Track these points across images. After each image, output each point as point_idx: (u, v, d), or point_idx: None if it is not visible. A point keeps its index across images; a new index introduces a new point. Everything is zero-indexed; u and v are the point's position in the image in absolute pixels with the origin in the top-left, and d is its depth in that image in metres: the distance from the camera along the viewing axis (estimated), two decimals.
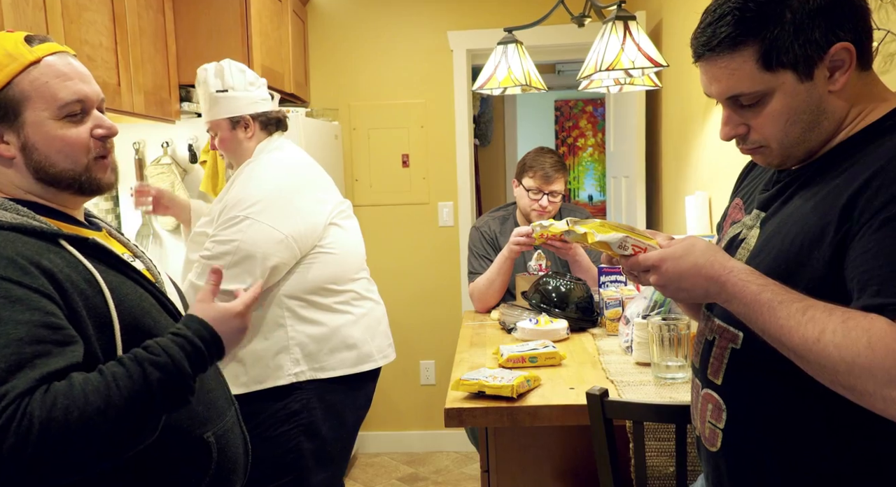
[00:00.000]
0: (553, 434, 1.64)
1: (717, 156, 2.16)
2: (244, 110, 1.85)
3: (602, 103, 5.90)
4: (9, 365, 0.81)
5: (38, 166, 0.97)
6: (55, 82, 0.96)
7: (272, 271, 1.74)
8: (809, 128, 0.90)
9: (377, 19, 3.36)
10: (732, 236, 1.02)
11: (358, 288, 1.90)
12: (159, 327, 1.00)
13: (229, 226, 1.73)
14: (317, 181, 1.91)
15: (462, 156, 3.39)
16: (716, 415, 0.98)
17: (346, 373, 1.82)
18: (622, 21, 1.75)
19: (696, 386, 1.05)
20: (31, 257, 0.88)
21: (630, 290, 2.03)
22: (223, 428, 1.05)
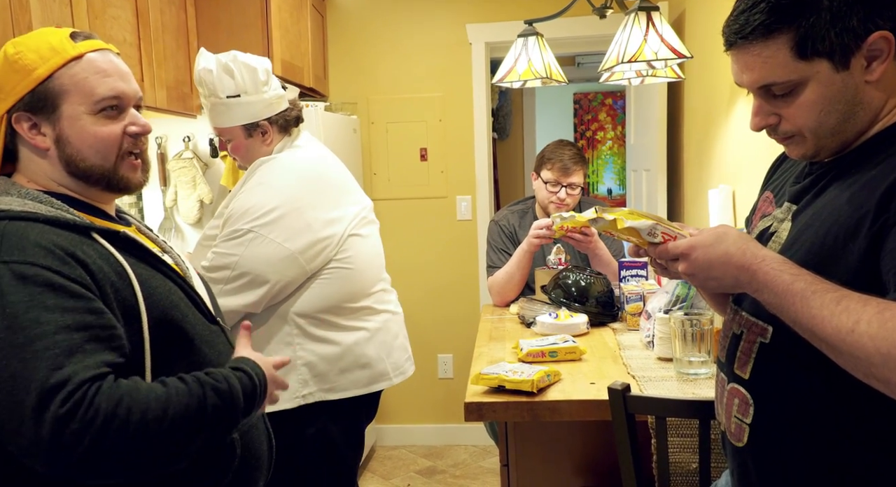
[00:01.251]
0: (573, 428, 1.63)
1: (742, 149, 2.13)
2: (260, 115, 1.68)
3: (622, 96, 5.85)
4: (62, 351, 0.82)
5: (69, 159, 0.99)
6: (94, 78, 0.98)
7: (276, 289, 1.61)
8: (844, 118, 0.87)
9: (396, 13, 3.35)
10: (763, 229, 1.00)
11: (372, 302, 1.76)
12: (187, 321, 1.01)
13: (231, 238, 1.60)
14: (335, 187, 1.75)
15: (480, 150, 3.38)
16: (742, 410, 0.97)
17: (357, 394, 1.70)
18: (645, 12, 1.73)
19: (721, 380, 1.03)
20: (67, 248, 0.90)
21: (651, 285, 2.02)
22: (247, 425, 1.05)
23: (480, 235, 3.42)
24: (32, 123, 0.98)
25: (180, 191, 2.66)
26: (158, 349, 0.95)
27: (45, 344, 0.81)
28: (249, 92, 1.66)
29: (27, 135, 0.98)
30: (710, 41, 2.34)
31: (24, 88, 0.97)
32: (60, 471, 0.81)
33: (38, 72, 0.96)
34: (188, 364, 0.99)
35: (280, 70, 2.62)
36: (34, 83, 0.97)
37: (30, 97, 0.97)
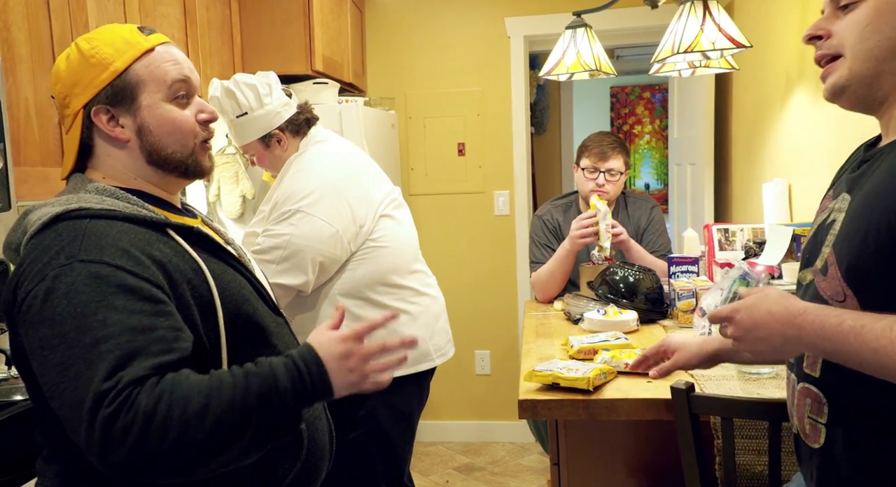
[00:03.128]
0: (625, 428, 1.60)
1: (800, 141, 2.07)
2: (270, 126, 1.79)
3: (660, 89, 5.75)
4: (124, 353, 0.82)
5: (151, 148, 1.00)
6: (166, 65, 1.01)
7: (322, 267, 1.70)
8: (888, 49, 0.87)
9: (433, 7, 3.33)
10: (821, 222, 0.98)
11: (415, 283, 1.84)
12: (258, 314, 1.01)
13: (281, 219, 1.70)
14: (365, 171, 1.86)
15: (519, 145, 3.35)
16: (816, 410, 0.94)
17: (403, 374, 1.74)
18: (701, 1, 1.68)
19: (791, 380, 1.00)
20: (144, 248, 0.90)
21: (703, 281, 1.97)
22: (313, 416, 1.06)
23: (518, 231, 3.39)
24: (111, 116, 0.99)
25: (223, 187, 2.68)
26: (234, 343, 0.95)
27: (109, 347, 0.82)
28: (254, 108, 1.77)
29: (106, 128, 1.00)
30: (761, 30, 2.28)
31: (103, 82, 0.98)
32: (115, 471, 0.80)
33: (115, 65, 0.98)
34: (262, 354, 0.98)
35: (321, 65, 2.62)
36: (112, 76, 0.98)
37: (109, 90, 0.98)
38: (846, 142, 1.77)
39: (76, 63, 0.99)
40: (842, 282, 0.87)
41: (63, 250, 0.87)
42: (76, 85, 0.99)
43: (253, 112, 1.77)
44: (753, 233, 2.08)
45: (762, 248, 1.94)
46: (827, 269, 0.90)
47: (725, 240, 2.10)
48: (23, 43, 1.47)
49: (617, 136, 2.41)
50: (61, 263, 0.86)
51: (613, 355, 1.55)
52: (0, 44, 1.41)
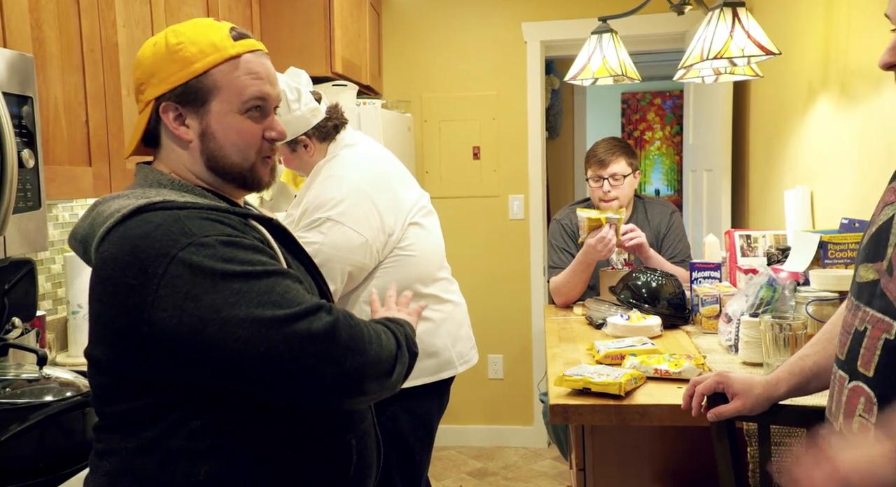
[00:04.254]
0: (652, 433, 1.59)
1: (822, 149, 2.06)
2: (296, 132, 1.76)
3: (671, 96, 5.75)
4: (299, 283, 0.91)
5: (211, 154, 1.00)
6: (246, 79, 0.99)
7: (350, 276, 1.69)
8: None
9: (450, 11, 3.34)
10: (887, 219, 0.95)
11: (437, 290, 1.83)
12: None
13: (312, 227, 1.68)
14: (396, 178, 1.84)
15: (534, 149, 3.35)
16: (868, 409, 0.93)
17: (425, 382, 1.75)
18: (731, 7, 1.68)
19: (840, 379, 0.99)
20: (238, 232, 0.93)
21: (727, 287, 1.96)
22: (363, 431, 1.05)
23: (533, 235, 3.39)
24: (178, 114, 0.99)
25: None
26: None
27: (287, 284, 0.90)
28: (281, 113, 1.71)
29: (171, 125, 0.99)
30: (782, 37, 2.27)
31: (179, 79, 0.97)
32: None
33: (196, 66, 0.97)
34: None
35: (340, 67, 2.62)
36: (190, 76, 0.97)
37: (182, 88, 0.97)
38: (871, 150, 1.77)
39: (161, 54, 0.98)
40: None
41: (169, 234, 0.87)
42: (154, 75, 0.98)
43: (279, 118, 1.76)
44: (776, 240, 2.08)
45: (785, 255, 1.94)
46: (894, 270, 0.89)
47: (747, 246, 2.09)
48: (53, 41, 1.47)
49: (619, 140, 2.41)
50: (181, 244, 0.86)
51: (642, 360, 1.55)
52: (32, 42, 1.41)
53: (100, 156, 1.60)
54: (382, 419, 1.71)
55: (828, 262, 1.69)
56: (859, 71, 1.82)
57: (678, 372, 1.50)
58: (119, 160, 1.65)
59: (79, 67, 1.55)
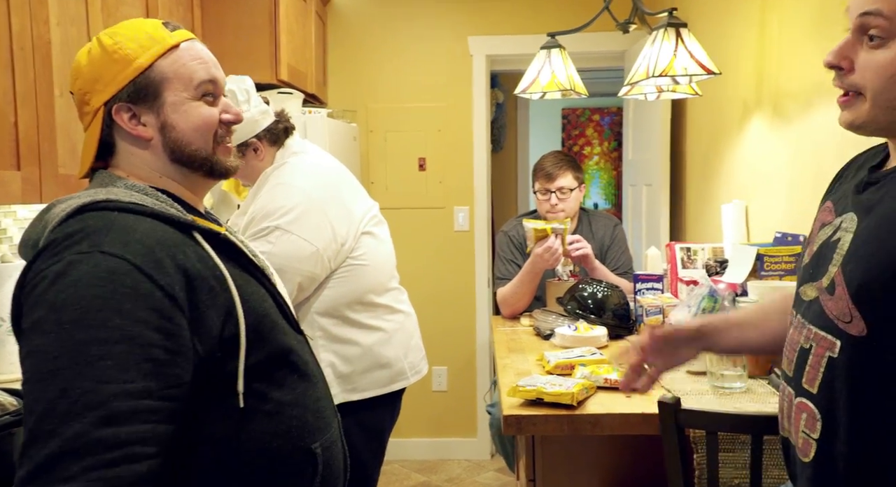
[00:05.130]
0: (602, 443, 1.61)
1: (756, 166, 2.16)
2: (247, 134, 1.70)
3: (609, 112, 5.93)
4: (115, 363, 0.78)
5: (175, 145, 0.97)
6: (193, 64, 0.97)
7: (300, 287, 1.64)
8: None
9: (397, 22, 3.34)
10: (825, 239, 0.99)
11: (390, 300, 1.81)
12: (278, 329, 0.97)
13: (258, 236, 1.62)
14: (346, 187, 1.81)
15: (479, 162, 3.38)
16: (810, 425, 0.96)
17: (378, 394, 1.73)
18: (674, 28, 1.74)
19: (787, 394, 1.02)
20: (169, 249, 0.87)
21: (669, 298, 2.02)
22: (329, 440, 1.02)
23: (477, 247, 3.40)
24: (132, 114, 0.95)
25: None
26: (252, 357, 0.91)
27: (101, 352, 0.77)
28: None
29: (128, 126, 0.95)
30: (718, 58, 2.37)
31: (126, 78, 0.94)
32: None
33: (139, 61, 0.94)
34: (283, 373, 0.96)
35: (286, 75, 2.58)
36: (136, 73, 0.94)
37: (131, 87, 0.94)
38: (802, 168, 1.86)
39: (99, 58, 0.95)
40: (849, 303, 0.88)
41: (87, 237, 0.83)
42: (97, 81, 0.94)
43: None
44: (714, 252, 2.16)
45: (723, 267, 2.01)
46: (834, 289, 0.91)
47: (688, 259, 2.16)
48: None
49: (565, 154, 2.48)
50: (82, 250, 0.82)
51: (592, 370, 1.57)
52: None
53: (30, 160, 1.51)
54: None
55: (764, 274, 1.77)
56: (790, 93, 1.92)
57: None
58: (51, 164, 1.56)
59: (7, 66, 1.47)
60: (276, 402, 0.93)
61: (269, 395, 0.93)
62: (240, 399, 0.89)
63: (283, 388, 0.95)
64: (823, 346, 0.94)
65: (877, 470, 0.88)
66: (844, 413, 0.91)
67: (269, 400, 0.92)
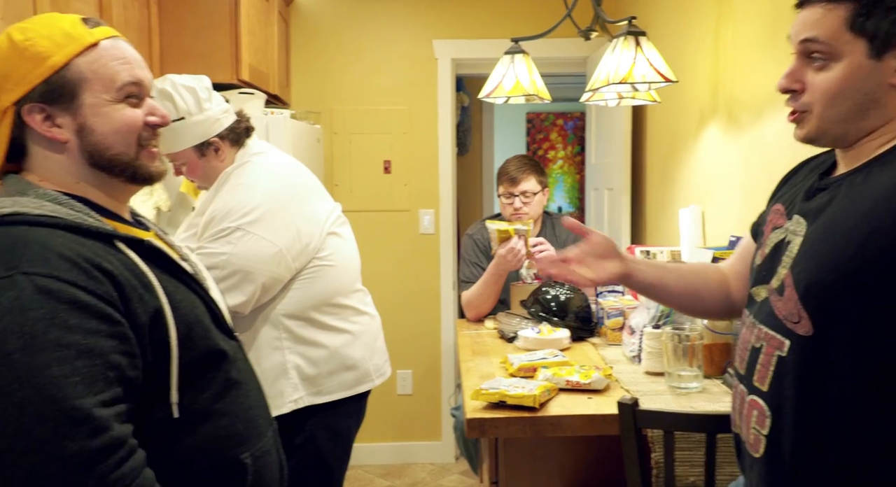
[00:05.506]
0: (564, 444, 1.63)
1: (711, 172, 2.21)
2: (209, 133, 1.66)
3: (572, 117, 6.01)
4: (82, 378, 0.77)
5: (94, 149, 0.92)
6: (114, 64, 0.92)
7: (263, 287, 1.61)
8: (856, 110, 0.92)
9: (362, 24, 3.33)
10: (777, 242, 1.02)
11: (355, 302, 1.80)
12: (211, 336, 0.94)
13: (218, 237, 1.58)
14: (309, 187, 1.79)
15: (444, 165, 3.38)
16: (760, 422, 0.99)
17: (344, 396, 1.71)
18: (633, 36, 1.77)
19: (740, 392, 1.05)
20: (92, 259, 0.83)
21: (630, 300, 2.05)
22: (261, 450, 0.99)
23: (443, 250, 3.41)
24: (46, 115, 0.90)
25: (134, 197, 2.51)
26: (185, 366, 0.89)
27: (64, 372, 0.76)
28: (193, 112, 1.65)
29: (41, 128, 0.91)
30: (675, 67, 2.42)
31: (38, 78, 0.89)
32: None
33: (53, 59, 0.89)
34: (213, 380, 0.94)
35: (247, 75, 2.55)
36: (49, 72, 0.89)
37: (44, 87, 0.89)
38: (755, 174, 1.91)
39: (7, 55, 0.89)
40: (798, 304, 0.91)
41: (0, 260, 0.79)
42: (6, 79, 0.89)
43: (191, 117, 1.63)
44: (672, 255, 2.20)
45: None
46: (784, 290, 0.95)
47: None
48: None
49: (529, 158, 2.49)
50: (0, 275, 0.78)
51: (554, 372, 1.58)
52: None
53: None
54: (299, 440, 1.66)
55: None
56: (744, 102, 1.97)
57: (588, 382, 1.55)
58: None
59: None
60: (203, 412, 0.91)
61: (197, 405, 0.91)
62: (173, 408, 0.87)
63: (212, 397, 0.93)
64: (773, 345, 0.97)
65: (821, 466, 0.91)
66: (792, 411, 0.94)
67: (196, 411, 0.90)
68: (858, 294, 0.86)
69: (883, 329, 0.85)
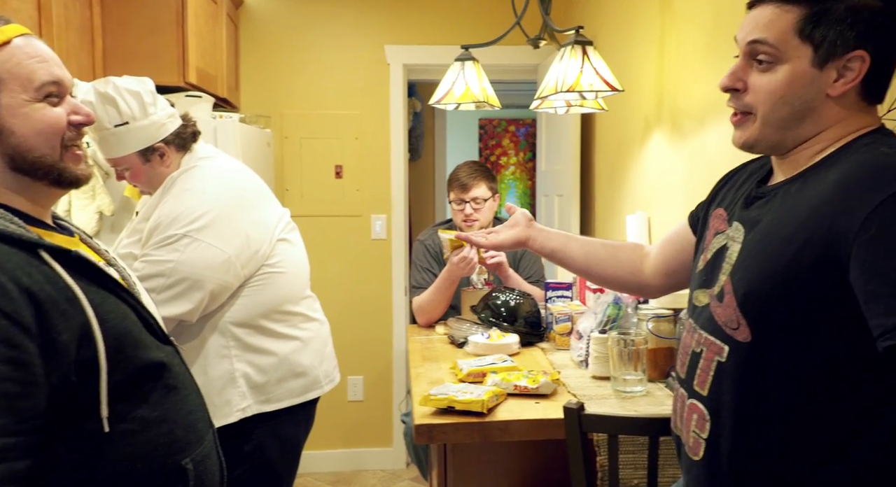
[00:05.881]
0: (511, 449, 1.64)
1: (657, 178, 2.27)
2: (154, 138, 1.62)
3: (524, 124, 6.08)
4: None
5: (14, 152, 0.88)
6: (30, 63, 0.89)
7: (211, 295, 1.57)
8: (793, 117, 0.94)
9: (313, 29, 3.30)
10: (719, 248, 1.04)
11: (305, 308, 1.78)
12: (142, 346, 0.92)
13: (164, 244, 1.54)
14: (258, 192, 1.76)
15: (397, 170, 3.38)
16: (700, 425, 1.01)
17: (293, 403, 1.69)
18: (580, 45, 1.81)
19: (681, 396, 1.07)
20: (12, 272, 0.79)
21: (577, 305, 2.09)
22: (201, 454, 0.98)
23: (395, 255, 3.40)
24: None
25: (76, 202, 2.43)
26: (116, 379, 0.86)
27: None
28: (138, 117, 1.60)
29: None
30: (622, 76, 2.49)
31: None
32: None
33: None
34: (149, 390, 0.91)
35: (195, 77, 2.50)
36: None
37: None
38: (697, 181, 1.97)
39: None
40: (737, 311, 0.93)
41: None
42: None
43: (136, 122, 1.59)
44: None
45: None
46: (723, 296, 0.97)
47: None
48: None
49: (480, 164, 2.51)
50: None
51: (503, 377, 1.60)
52: None
53: None
54: (248, 448, 1.63)
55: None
56: (687, 111, 2.04)
57: (536, 387, 1.57)
58: None
59: None
60: (140, 421, 0.89)
61: (133, 414, 0.88)
62: (104, 423, 0.84)
63: (149, 405, 0.91)
64: (713, 351, 0.99)
65: (759, 470, 0.93)
66: (730, 415, 0.96)
67: (132, 420, 0.88)
68: (795, 301, 0.87)
69: (819, 336, 0.87)
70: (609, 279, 1.41)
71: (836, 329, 0.86)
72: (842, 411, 0.87)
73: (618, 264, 1.37)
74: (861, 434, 0.86)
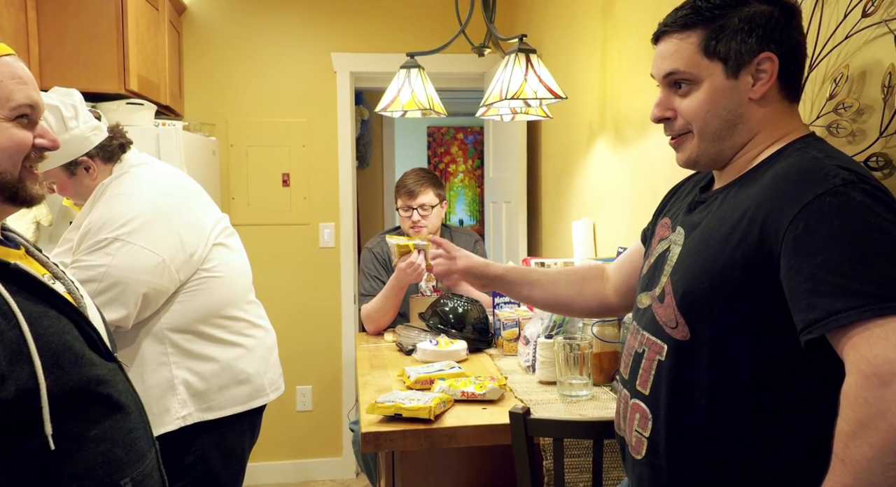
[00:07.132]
0: (459, 455, 1.65)
1: (601, 184, 2.32)
2: (77, 152, 1.59)
3: (472, 131, 6.13)
4: None
5: None
6: (10, 83, 0.89)
7: (146, 299, 1.54)
8: (725, 127, 1.00)
9: (258, 36, 3.27)
10: (661, 252, 1.09)
11: (249, 315, 1.76)
12: (83, 362, 0.89)
13: (95, 249, 1.52)
14: (193, 196, 1.74)
15: (345, 178, 3.37)
16: (642, 424, 1.04)
17: (237, 412, 1.67)
18: (524, 53, 1.85)
19: (624, 396, 1.09)
20: None
21: (525, 311, 2.12)
22: (142, 473, 0.95)
23: (343, 263, 3.38)
24: None
25: None
26: (56, 396, 0.84)
27: None
28: (58, 132, 1.56)
29: None
30: (566, 84, 2.55)
31: None
32: None
33: None
34: (89, 407, 0.89)
35: (136, 85, 2.44)
36: None
37: None
38: (640, 187, 2.03)
39: None
40: (676, 311, 0.97)
41: None
42: None
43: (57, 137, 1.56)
44: (565, 267, 2.29)
45: None
46: (664, 297, 1.00)
47: None
48: None
49: (427, 171, 2.53)
50: None
51: (450, 384, 1.61)
52: None
53: None
54: (190, 459, 1.60)
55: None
56: (629, 118, 2.09)
57: (483, 393, 1.58)
58: None
59: None
60: (78, 440, 0.87)
61: (72, 433, 0.87)
62: (49, 441, 0.82)
63: (87, 423, 0.89)
64: (654, 350, 1.02)
65: (695, 465, 0.97)
66: (666, 413, 1.00)
67: (70, 439, 0.86)
68: (730, 300, 0.91)
69: (754, 333, 0.90)
70: (575, 308, 1.46)
71: (770, 326, 0.89)
72: (775, 406, 0.90)
73: (578, 292, 1.42)
74: (795, 428, 0.89)
